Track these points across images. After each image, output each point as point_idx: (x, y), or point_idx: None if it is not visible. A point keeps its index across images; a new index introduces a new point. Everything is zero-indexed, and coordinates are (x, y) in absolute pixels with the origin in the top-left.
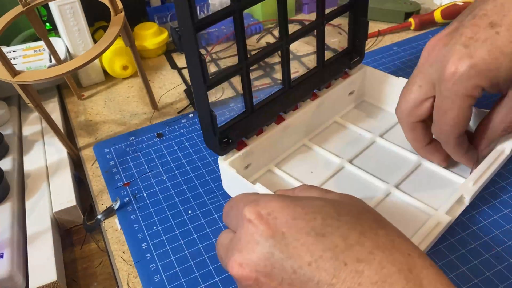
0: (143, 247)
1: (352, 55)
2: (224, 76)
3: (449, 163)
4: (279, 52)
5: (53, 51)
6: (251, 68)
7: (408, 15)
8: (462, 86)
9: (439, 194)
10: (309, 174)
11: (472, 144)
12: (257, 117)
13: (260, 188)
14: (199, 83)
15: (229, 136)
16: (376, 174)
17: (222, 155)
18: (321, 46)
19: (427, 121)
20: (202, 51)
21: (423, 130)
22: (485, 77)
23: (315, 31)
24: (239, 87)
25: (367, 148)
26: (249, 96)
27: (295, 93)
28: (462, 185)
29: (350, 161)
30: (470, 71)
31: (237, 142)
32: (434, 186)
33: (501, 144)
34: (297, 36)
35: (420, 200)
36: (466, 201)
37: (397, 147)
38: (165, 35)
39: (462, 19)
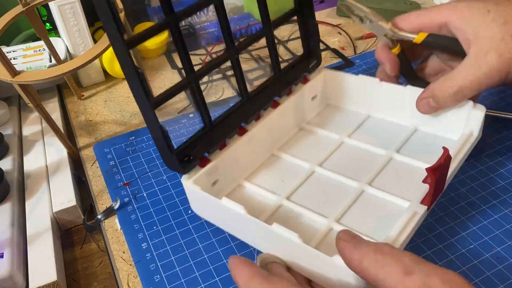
0: (143, 247)
1: (310, 60)
2: (170, 93)
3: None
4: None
5: (53, 51)
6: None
7: None
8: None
9: (411, 185)
10: (280, 184)
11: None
12: (217, 132)
13: (226, 203)
14: (142, 100)
15: (190, 154)
16: (348, 174)
17: (184, 173)
18: (273, 53)
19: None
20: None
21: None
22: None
23: (265, 39)
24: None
25: (336, 150)
26: (204, 111)
27: (254, 102)
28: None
29: (320, 165)
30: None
31: (199, 159)
32: (405, 178)
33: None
34: (245, 45)
35: (394, 194)
36: None
37: (366, 145)
38: (165, 35)
39: None
